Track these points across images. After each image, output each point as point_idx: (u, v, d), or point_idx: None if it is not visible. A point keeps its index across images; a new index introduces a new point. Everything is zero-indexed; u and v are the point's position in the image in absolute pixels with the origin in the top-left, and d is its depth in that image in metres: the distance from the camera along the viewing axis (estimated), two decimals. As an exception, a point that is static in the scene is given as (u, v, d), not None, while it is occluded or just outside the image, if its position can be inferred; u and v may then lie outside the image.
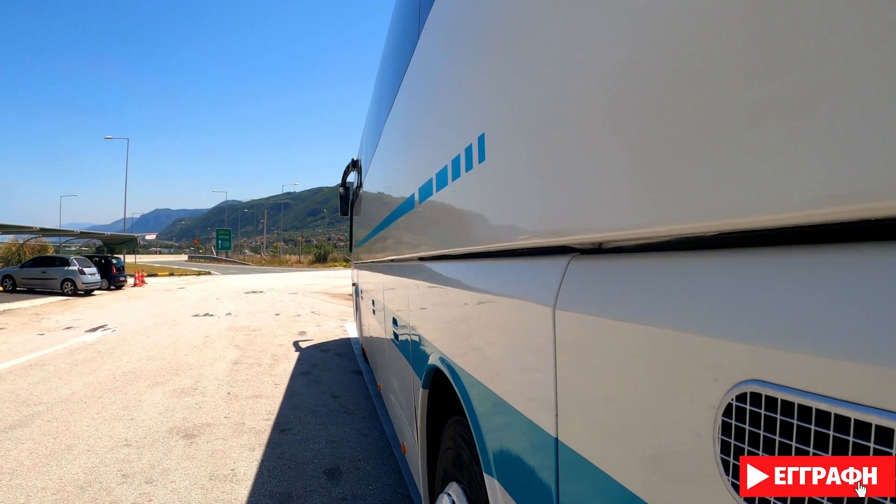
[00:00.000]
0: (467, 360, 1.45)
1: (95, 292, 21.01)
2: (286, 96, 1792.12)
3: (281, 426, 4.51)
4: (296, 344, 8.68)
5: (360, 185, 5.98)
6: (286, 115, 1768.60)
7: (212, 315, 12.91)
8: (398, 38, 2.82)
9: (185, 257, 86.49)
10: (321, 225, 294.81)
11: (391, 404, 3.40)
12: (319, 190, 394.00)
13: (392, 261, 3.24)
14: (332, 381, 6.13)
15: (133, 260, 49.86)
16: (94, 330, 10.54)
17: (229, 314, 13.10)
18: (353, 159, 6.48)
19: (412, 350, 2.22)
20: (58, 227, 25.63)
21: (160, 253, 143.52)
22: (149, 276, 35.25)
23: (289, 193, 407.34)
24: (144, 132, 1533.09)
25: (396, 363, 2.85)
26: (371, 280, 4.90)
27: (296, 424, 4.55)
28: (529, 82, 1.00)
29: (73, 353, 8.08)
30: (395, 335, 2.83)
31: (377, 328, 4.34)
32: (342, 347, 8.40)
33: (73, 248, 48.49)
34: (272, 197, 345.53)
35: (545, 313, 0.92)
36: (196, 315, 12.90)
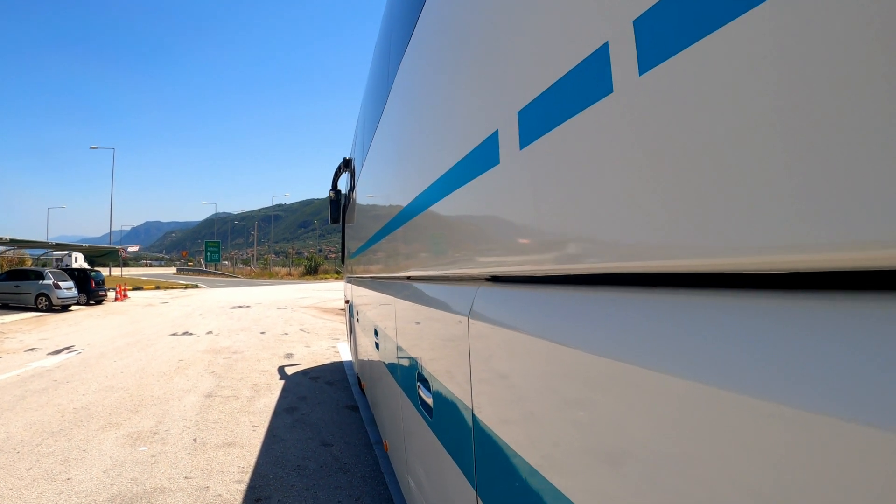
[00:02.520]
0: None
1: (73, 307, 19.88)
2: (276, 107, 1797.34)
3: (256, 493, 3.49)
4: (281, 370, 7.64)
5: (353, 188, 5.04)
6: (276, 126, 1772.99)
7: (191, 334, 11.82)
8: None
9: (174, 270, 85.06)
10: (312, 237, 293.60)
11: (409, 489, 2.38)
12: (310, 202, 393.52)
13: (409, 278, 2.27)
14: (323, 420, 5.11)
15: (119, 273, 48.58)
16: (57, 352, 9.46)
17: (210, 332, 12.01)
18: (344, 158, 5.57)
19: (477, 464, 1.26)
20: (30, 239, 24.32)
21: (150, 265, 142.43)
22: (133, 289, 34.07)
23: (279, 205, 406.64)
24: (135, 144, 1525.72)
25: (425, 445, 1.86)
26: (371, 301, 3.88)
27: (276, 490, 3.53)
28: None
29: (26, 381, 7.02)
30: (424, 406, 1.79)
31: (381, 368, 3.28)
32: (334, 374, 7.38)
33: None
34: (263, 209, 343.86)
35: None
36: (174, 334, 11.80)
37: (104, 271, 46.64)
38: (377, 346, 3.39)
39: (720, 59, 0.50)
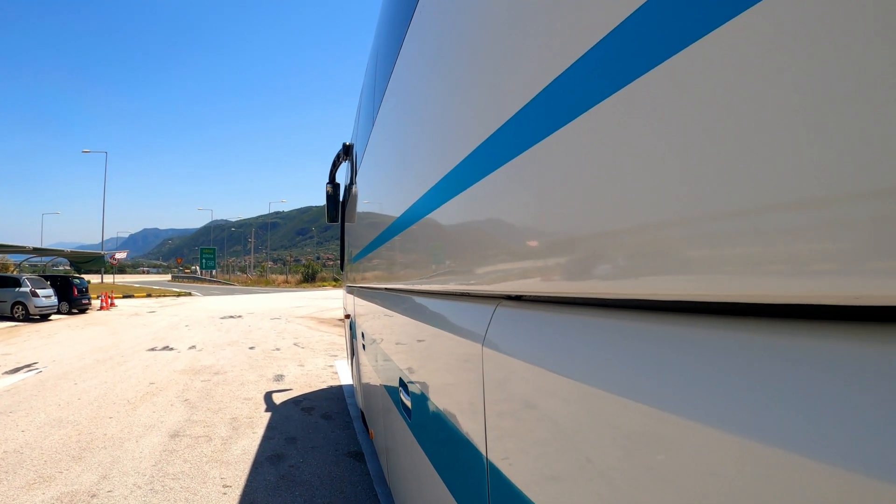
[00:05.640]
0: None
1: (53, 317, 18.68)
2: (273, 114, 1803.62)
3: None
4: (268, 397, 6.43)
5: (354, 179, 3.93)
6: (273, 133, 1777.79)
7: (171, 349, 10.59)
8: None
9: (169, 277, 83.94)
10: (310, 244, 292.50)
11: None
12: (308, 209, 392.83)
13: (518, 298, 1.07)
14: (318, 476, 3.92)
15: (112, 280, 47.40)
16: (16, 371, 8.26)
17: (193, 347, 10.77)
18: (344, 145, 4.46)
19: None
20: (5, 243, 23.02)
21: (147, 272, 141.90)
22: (124, 297, 32.92)
23: (277, 213, 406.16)
24: (132, 151, 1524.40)
25: None
26: (390, 326, 2.64)
27: None
28: None
29: (-38, 411, 5.82)
30: None
31: (426, 465, 1.69)
32: (331, 403, 6.18)
33: (60, 269, 45.60)
34: (260, 216, 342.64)
35: None
36: (152, 349, 10.57)
37: (95, 278, 45.32)
38: (404, 411, 2.09)
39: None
